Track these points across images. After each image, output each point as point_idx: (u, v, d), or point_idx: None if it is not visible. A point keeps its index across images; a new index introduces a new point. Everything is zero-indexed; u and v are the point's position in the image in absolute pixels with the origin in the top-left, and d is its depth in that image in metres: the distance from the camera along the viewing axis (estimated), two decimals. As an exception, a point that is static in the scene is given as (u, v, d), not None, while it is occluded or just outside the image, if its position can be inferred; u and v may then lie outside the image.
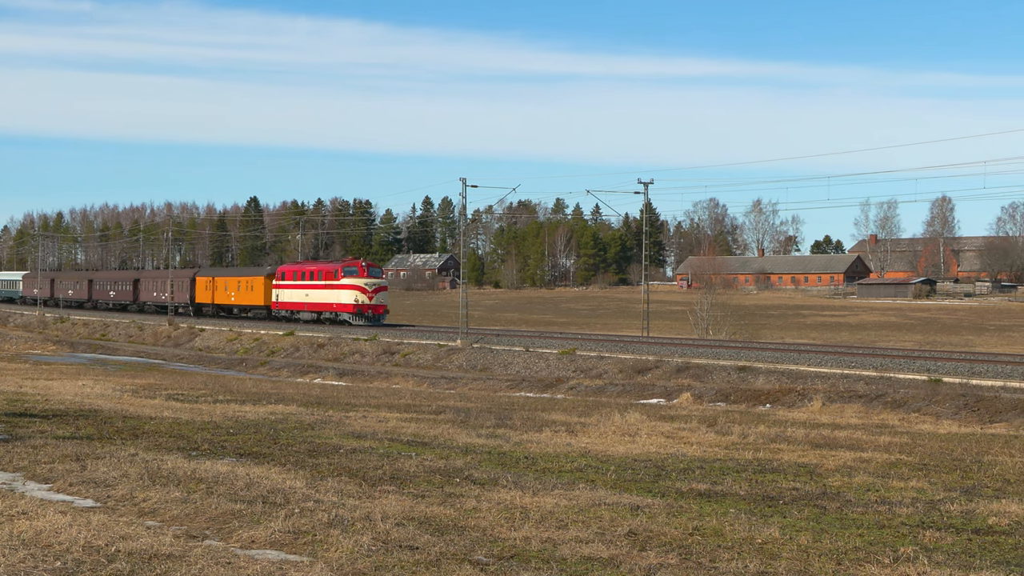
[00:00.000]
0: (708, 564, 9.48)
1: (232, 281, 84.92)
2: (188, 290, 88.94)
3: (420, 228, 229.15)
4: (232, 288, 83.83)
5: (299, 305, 73.40)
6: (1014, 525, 11.69)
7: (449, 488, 13.07)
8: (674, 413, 25.81)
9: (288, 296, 74.67)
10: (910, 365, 36.54)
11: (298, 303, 73.61)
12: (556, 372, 43.71)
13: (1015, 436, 22.72)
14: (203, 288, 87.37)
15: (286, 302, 74.86)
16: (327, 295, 70.31)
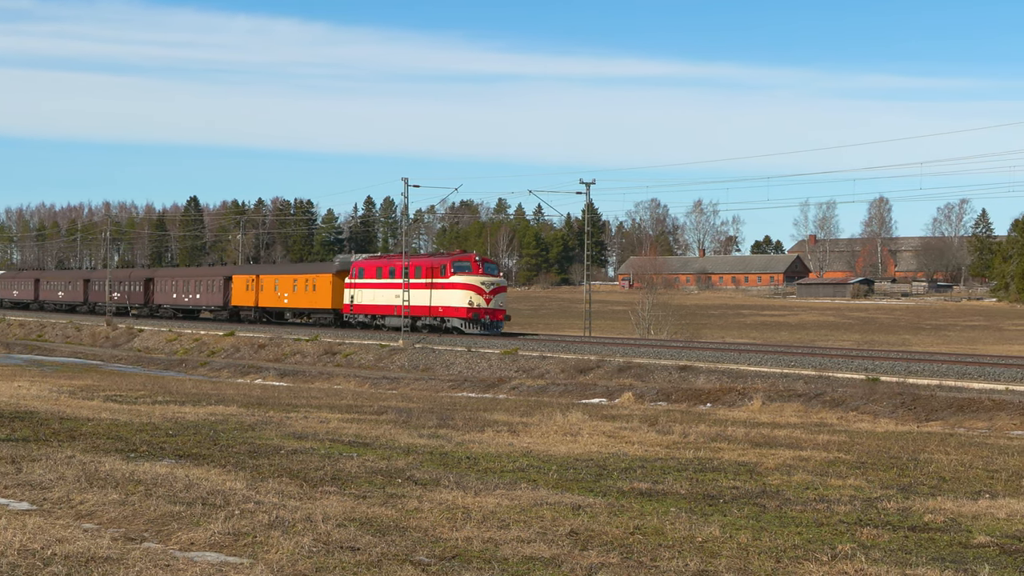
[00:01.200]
0: (649, 563, 9.52)
1: (286, 280, 70.93)
2: (221, 291, 76.54)
3: (362, 228, 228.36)
4: (286, 288, 70.27)
5: (385, 309, 60.90)
6: (949, 522, 11.86)
7: (391, 489, 13.04)
8: (616, 413, 25.91)
9: (368, 298, 62.10)
10: (848, 364, 36.92)
11: (383, 306, 61.05)
12: (498, 372, 43.72)
13: (950, 434, 23.03)
14: (242, 289, 74.31)
15: (365, 305, 62.27)
16: (429, 296, 58.01)
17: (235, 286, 75.46)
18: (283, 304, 70.65)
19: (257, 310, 73.25)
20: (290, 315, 71.45)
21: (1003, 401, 27.75)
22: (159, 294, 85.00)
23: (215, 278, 78.94)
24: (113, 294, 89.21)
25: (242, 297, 74.32)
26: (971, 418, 26.62)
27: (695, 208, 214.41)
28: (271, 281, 72.19)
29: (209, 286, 78.94)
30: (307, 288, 68.26)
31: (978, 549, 10.53)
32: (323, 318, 66.75)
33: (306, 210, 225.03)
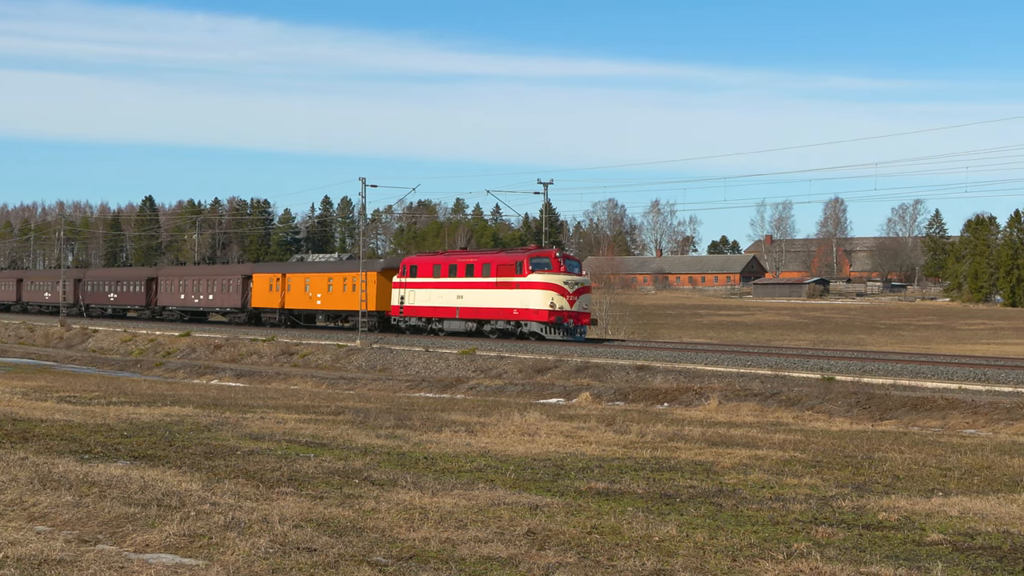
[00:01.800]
0: (606, 562, 9.54)
1: (319, 279, 63.73)
2: (239, 292, 69.78)
3: (319, 228, 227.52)
4: (319, 288, 63.20)
5: (442, 311, 53.84)
6: (903, 520, 11.96)
7: (348, 489, 13.00)
8: (573, 412, 25.95)
9: (422, 298, 54.96)
10: (804, 364, 37.16)
11: (441, 308, 53.93)
12: (456, 372, 43.68)
13: (904, 433, 23.23)
14: (264, 289, 67.34)
15: (419, 307, 55.12)
16: (501, 297, 50.99)
17: (256, 286, 68.28)
18: (315, 306, 63.61)
19: (283, 313, 66.35)
20: (323, 318, 64.21)
21: (956, 400, 28.03)
22: (163, 295, 78.26)
23: (231, 277, 71.93)
24: (109, 295, 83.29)
25: (265, 298, 67.28)
26: (925, 417, 26.87)
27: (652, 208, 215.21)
28: (300, 280, 64.97)
29: (224, 286, 71.90)
30: (345, 288, 60.93)
31: (931, 547, 10.63)
32: (365, 321, 58.47)
33: (263, 210, 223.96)
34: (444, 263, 54.90)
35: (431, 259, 56.42)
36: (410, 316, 55.93)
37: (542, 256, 50.90)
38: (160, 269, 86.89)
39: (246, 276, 70.28)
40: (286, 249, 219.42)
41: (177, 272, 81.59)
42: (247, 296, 69.32)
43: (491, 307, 51.39)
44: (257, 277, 68.90)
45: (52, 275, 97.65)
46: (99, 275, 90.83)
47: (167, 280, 79.09)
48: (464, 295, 52.61)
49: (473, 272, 52.51)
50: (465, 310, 52.63)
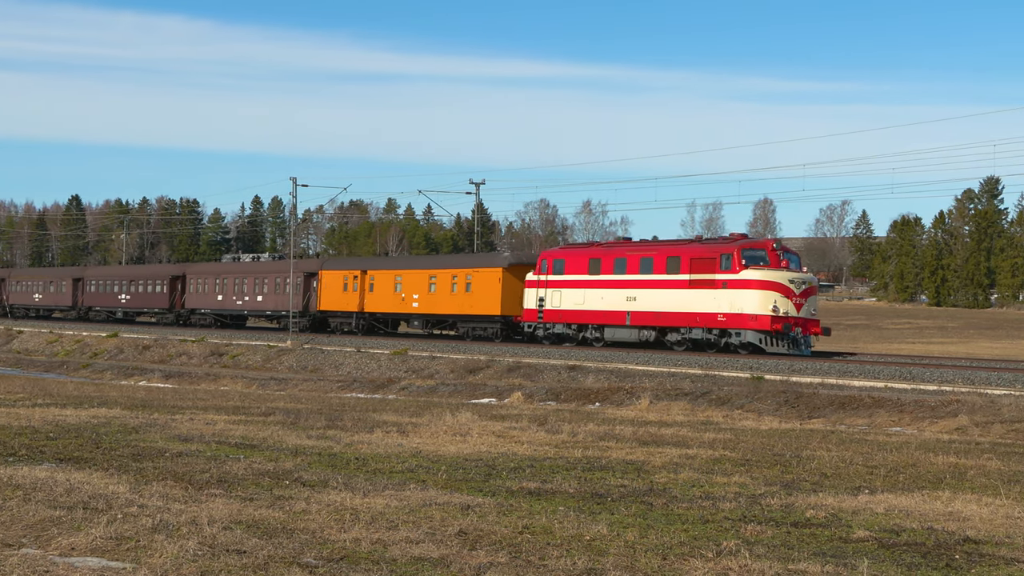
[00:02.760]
0: (537, 562, 9.56)
1: (416, 277, 53.87)
2: (300, 292, 60.52)
3: (250, 228, 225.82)
4: (415, 288, 53.44)
5: (608, 316, 44.25)
6: (830, 517, 12.11)
7: (278, 491, 12.91)
8: (505, 412, 25.98)
9: (574, 300, 45.36)
10: (734, 363, 37.48)
11: (605, 312, 44.34)
12: (388, 372, 43.55)
13: (832, 431, 23.52)
14: (335, 289, 58.38)
15: (568, 310, 45.64)
16: (698, 299, 41.16)
17: (324, 285, 59.07)
18: (411, 309, 53.92)
19: (363, 317, 57.12)
20: (421, 323, 54.19)
21: (882, 398, 28.43)
22: (193, 296, 69.77)
23: (288, 275, 61.56)
24: (120, 296, 74.46)
25: (336, 299, 58.13)
26: (852, 415, 27.23)
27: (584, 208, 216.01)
28: (388, 279, 55.69)
29: (276, 285, 62.81)
30: (454, 288, 51.51)
31: (857, 543, 10.77)
32: (482, 328, 50.21)
33: (192, 209, 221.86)
34: (606, 256, 45.02)
35: (585, 251, 46.71)
36: (553, 322, 46.51)
37: (756, 247, 41.27)
38: (188, 266, 76.11)
39: (309, 274, 60.89)
40: (215, 249, 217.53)
41: (212, 270, 71.57)
42: (311, 297, 60.30)
43: (681, 311, 41.61)
44: (326, 275, 59.54)
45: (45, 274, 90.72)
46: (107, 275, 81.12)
47: (198, 279, 70.43)
48: (638, 296, 42.90)
49: (652, 268, 42.77)
50: (640, 315, 42.95)
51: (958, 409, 26.22)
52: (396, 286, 54.93)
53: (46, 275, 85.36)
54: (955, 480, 15.44)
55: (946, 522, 11.95)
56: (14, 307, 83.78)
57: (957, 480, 15.45)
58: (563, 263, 46.45)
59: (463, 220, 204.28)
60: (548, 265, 46.84)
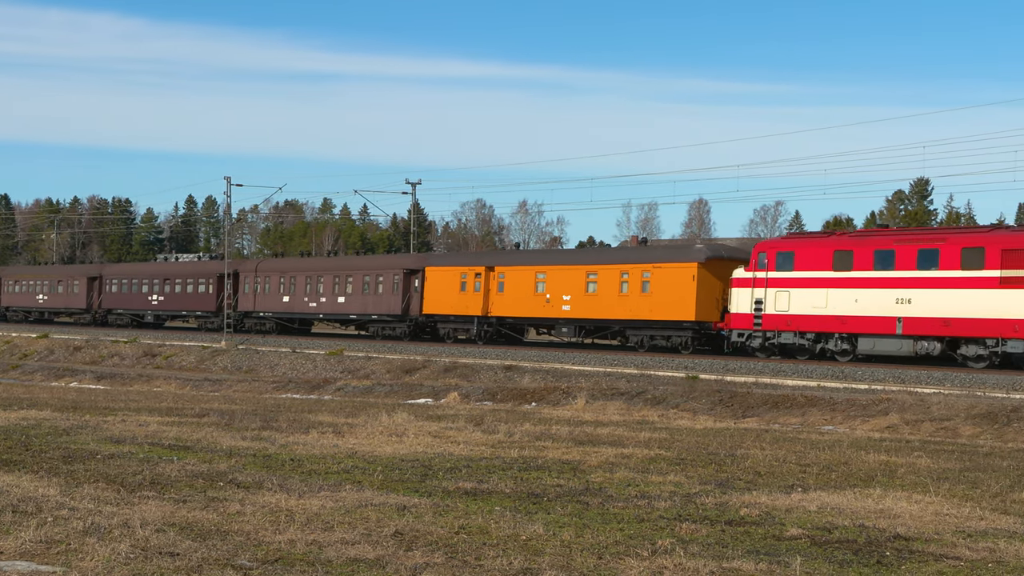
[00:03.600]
0: (474, 562, 9.56)
1: (563, 275, 45.13)
2: (398, 292, 51.54)
3: (183, 227, 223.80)
4: (563, 287, 44.62)
5: (866, 323, 36.06)
6: (764, 515, 12.22)
7: (212, 492, 12.81)
8: (441, 413, 25.95)
9: (812, 302, 37.28)
10: (669, 363, 37.69)
11: (862, 318, 36.14)
12: (323, 373, 43.35)
13: (765, 430, 23.74)
14: (446, 288, 49.10)
15: (803, 316, 37.62)
16: (1015, 302, 32.87)
17: (430, 284, 50.00)
18: (559, 313, 44.98)
19: (487, 322, 47.89)
20: (572, 330, 45.24)
21: (815, 397, 28.74)
22: (259, 297, 59.87)
23: (385, 272, 52.69)
24: (150, 296, 65.97)
25: (448, 301, 49.13)
26: (785, 414, 27.51)
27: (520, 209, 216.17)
28: (524, 277, 46.56)
29: (366, 285, 53.53)
30: (624, 288, 43.39)
31: (791, 541, 10.88)
32: (664, 337, 42.54)
33: (124, 209, 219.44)
34: (861, 247, 36.63)
35: (825, 241, 38.20)
36: (778, 330, 38.17)
37: None
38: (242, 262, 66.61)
39: (409, 271, 51.46)
40: (148, 249, 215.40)
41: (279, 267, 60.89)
42: (410, 298, 51.13)
43: (987, 318, 33.21)
44: (433, 272, 50.19)
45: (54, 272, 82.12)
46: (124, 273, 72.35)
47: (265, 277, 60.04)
48: (914, 298, 34.65)
49: (938, 261, 34.52)
50: (918, 322, 34.64)
51: (889, 408, 26.58)
52: (538, 285, 45.98)
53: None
54: (886, 478, 15.65)
55: (877, 519, 12.11)
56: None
57: (888, 478, 15.66)
58: (791, 257, 38.11)
59: (399, 220, 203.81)
60: (769, 259, 38.47)
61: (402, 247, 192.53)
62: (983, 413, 25.28)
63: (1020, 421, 24.45)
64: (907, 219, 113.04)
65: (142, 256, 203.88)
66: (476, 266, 48.99)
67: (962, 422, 24.98)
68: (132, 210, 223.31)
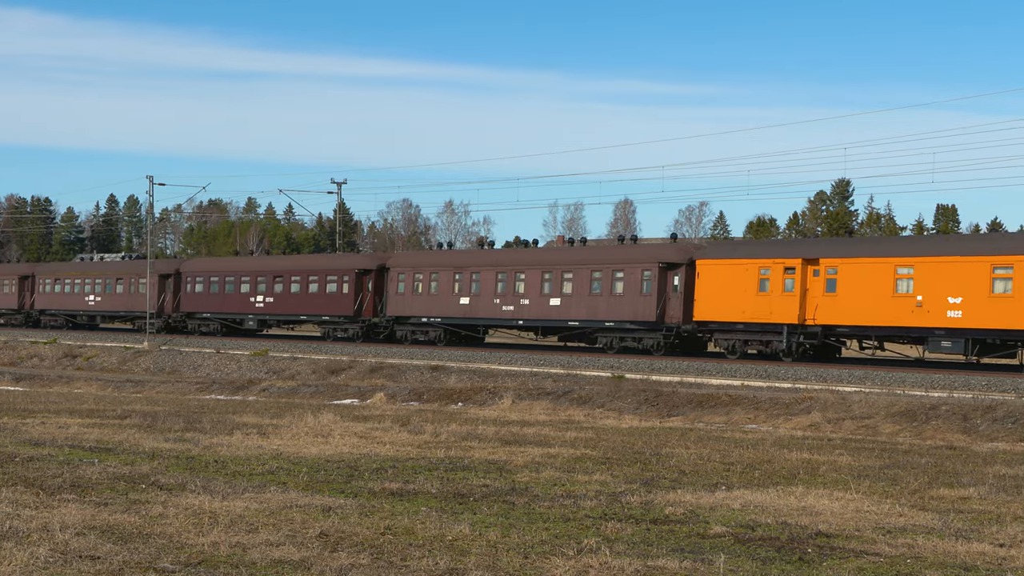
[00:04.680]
0: (399, 563, 9.54)
1: (946, 269, 34.16)
2: (653, 291, 40.81)
3: (104, 227, 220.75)
4: (951, 286, 33.93)
5: None
6: (688, 514, 12.31)
7: (134, 495, 12.66)
8: (368, 413, 25.85)
9: None
10: (595, 363, 37.86)
11: None
12: (248, 374, 42.98)
13: (690, 429, 23.93)
14: (736, 288, 38.58)
15: None
16: None
17: (705, 282, 39.38)
18: (938, 321, 34.17)
19: (807, 332, 37.45)
20: (958, 344, 34.11)
21: (739, 396, 29.01)
22: (418, 300, 48.44)
23: (633, 268, 41.12)
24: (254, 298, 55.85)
25: (734, 304, 38.53)
26: (710, 413, 27.74)
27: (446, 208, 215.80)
28: (875, 272, 35.90)
29: (595, 283, 42.25)
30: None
31: (715, 539, 10.97)
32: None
33: (44, 208, 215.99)
34: None
35: None
36: None
37: None
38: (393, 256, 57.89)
39: (668, 265, 40.68)
40: (68, 249, 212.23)
41: (456, 262, 48.70)
42: (667, 302, 40.47)
43: None
44: (717, 268, 39.75)
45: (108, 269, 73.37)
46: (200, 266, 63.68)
47: (429, 275, 48.38)
48: None
49: None
50: None
51: (811, 406, 26.91)
52: (899, 284, 35.21)
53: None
54: (808, 476, 15.84)
55: (799, 517, 12.25)
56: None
57: (810, 475, 15.86)
58: None
59: (325, 220, 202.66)
60: None
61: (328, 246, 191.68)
62: (902, 411, 25.68)
63: (938, 419, 24.88)
64: (828, 220, 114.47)
65: (62, 256, 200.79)
66: (786, 258, 38.34)
67: (882, 420, 25.36)
68: (52, 209, 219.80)
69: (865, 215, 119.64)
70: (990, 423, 24.10)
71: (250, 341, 51.97)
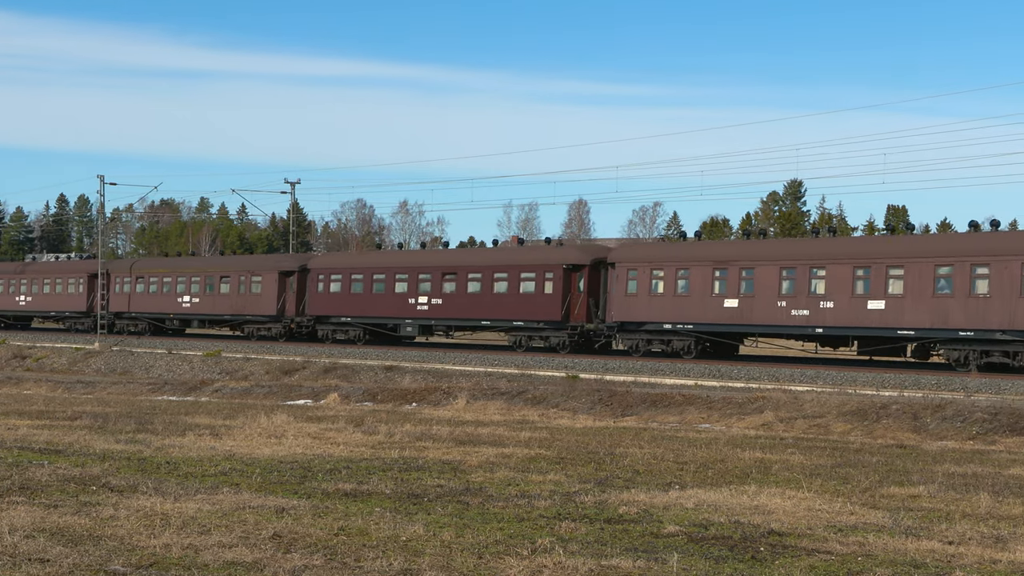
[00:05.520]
0: (353, 564, 9.51)
1: None
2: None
3: (55, 227, 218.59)
4: None
5: None
6: (642, 513, 12.36)
7: (85, 497, 12.55)
8: (321, 414, 25.75)
9: None
10: (549, 362, 37.91)
11: None
12: (201, 374, 42.68)
13: (644, 428, 24.02)
14: None
15: None
16: None
17: None
18: None
19: None
20: None
21: (692, 396, 29.13)
22: None
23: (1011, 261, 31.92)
24: (414, 299, 46.69)
25: None
26: (663, 413, 27.82)
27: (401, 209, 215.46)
28: None
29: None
30: None
31: (668, 538, 11.02)
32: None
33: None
34: None
35: None
36: None
37: None
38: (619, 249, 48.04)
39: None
40: (18, 249, 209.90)
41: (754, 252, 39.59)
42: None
43: None
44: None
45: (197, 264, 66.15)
46: None
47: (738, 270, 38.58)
48: None
49: None
50: None
51: (764, 405, 27.06)
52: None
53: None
54: (761, 475, 15.94)
55: (752, 515, 12.33)
56: None
57: (763, 474, 15.96)
58: None
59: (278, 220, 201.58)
60: None
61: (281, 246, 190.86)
62: (854, 410, 25.87)
63: (889, 418, 25.10)
64: (781, 220, 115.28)
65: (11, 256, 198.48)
66: None
67: (834, 419, 25.54)
68: (1, 209, 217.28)
69: (817, 215, 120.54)
70: (939, 422, 24.34)
71: (202, 341, 51.50)
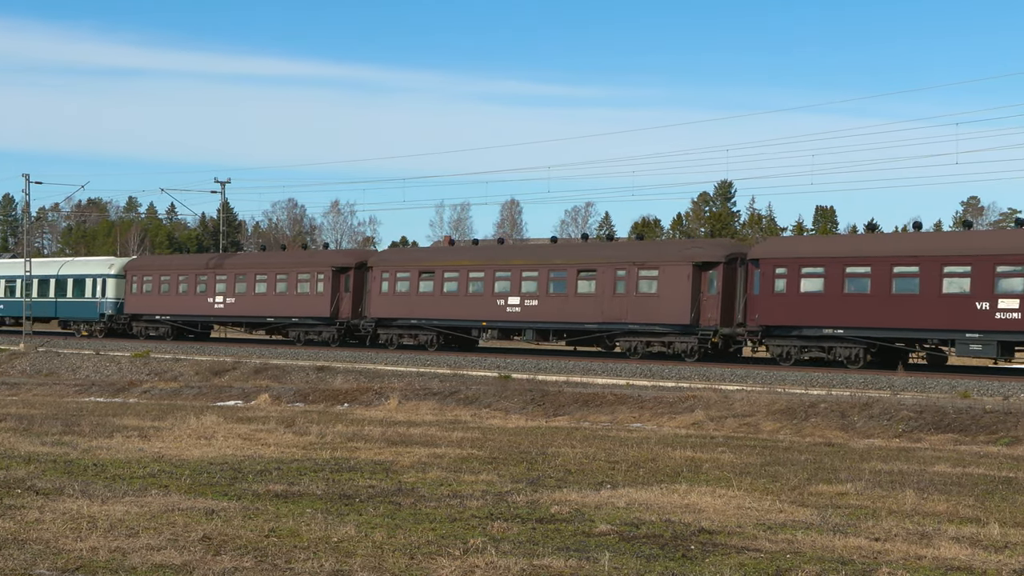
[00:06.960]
0: (284, 565, 9.45)
1: None
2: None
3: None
4: None
5: None
6: (574, 513, 12.40)
7: (8, 500, 12.35)
8: (252, 415, 25.57)
9: None
10: (482, 363, 37.92)
11: None
12: (129, 375, 42.16)
13: (576, 428, 24.10)
14: None
15: None
16: None
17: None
18: None
19: None
20: None
21: (624, 395, 29.27)
22: None
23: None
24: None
25: None
26: (595, 412, 27.93)
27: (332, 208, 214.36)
28: None
29: None
30: None
31: (600, 537, 11.06)
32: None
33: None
34: None
35: None
36: None
37: None
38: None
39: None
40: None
41: None
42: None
43: None
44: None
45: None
46: None
47: None
48: None
49: None
50: None
51: (695, 405, 27.25)
52: None
53: None
54: (692, 473, 16.06)
55: (683, 514, 12.41)
56: None
57: (693, 473, 16.08)
58: None
59: (208, 219, 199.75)
60: None
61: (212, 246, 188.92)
62: (783, 409, 26.13)
63: (817, 416, 25.38)
64: (711, 220, 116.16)
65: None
66: None
67: (763, 418, 25.79)
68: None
69: (747, 216, 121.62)
70: (866, 420, 24.66)
71: (130, 343, 50.86)
